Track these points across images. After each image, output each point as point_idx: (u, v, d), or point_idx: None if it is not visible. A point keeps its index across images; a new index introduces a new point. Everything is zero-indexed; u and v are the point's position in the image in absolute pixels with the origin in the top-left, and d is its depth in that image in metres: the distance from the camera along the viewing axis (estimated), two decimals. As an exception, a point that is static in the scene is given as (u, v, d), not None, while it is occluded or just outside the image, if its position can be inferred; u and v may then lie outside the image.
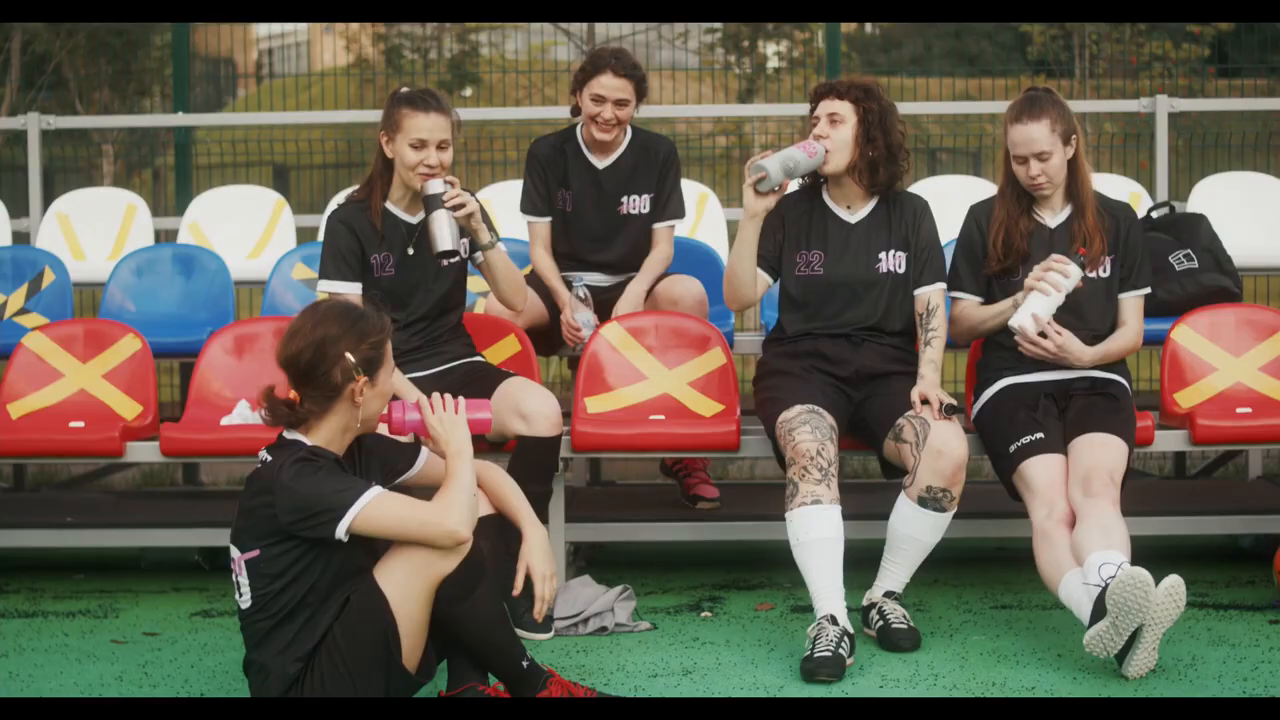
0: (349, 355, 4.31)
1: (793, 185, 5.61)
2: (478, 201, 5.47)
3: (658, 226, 6.38)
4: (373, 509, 4.23)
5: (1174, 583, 4.76)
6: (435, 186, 5.38)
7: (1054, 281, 5.35)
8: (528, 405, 5.48)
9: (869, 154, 5.50)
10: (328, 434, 4.38)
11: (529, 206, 6.34)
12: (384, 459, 4.59)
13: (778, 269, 5.64)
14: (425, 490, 4.49)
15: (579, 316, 6.14)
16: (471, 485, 4.38)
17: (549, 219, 6.35)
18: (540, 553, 4.59)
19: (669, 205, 6.38)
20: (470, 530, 4.30)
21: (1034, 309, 5.37)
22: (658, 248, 6.37)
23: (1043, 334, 5.38)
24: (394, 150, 5.47)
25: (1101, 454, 5.24)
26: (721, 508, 6.41)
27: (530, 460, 5.49)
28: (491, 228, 5.57)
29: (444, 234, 5.36)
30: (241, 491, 4.41)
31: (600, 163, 6.31)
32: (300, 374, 4.34)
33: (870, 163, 5.51)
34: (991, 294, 5.60)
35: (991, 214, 5.60)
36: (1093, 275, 5.52)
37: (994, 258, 5.55)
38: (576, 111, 6.30)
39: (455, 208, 5.38)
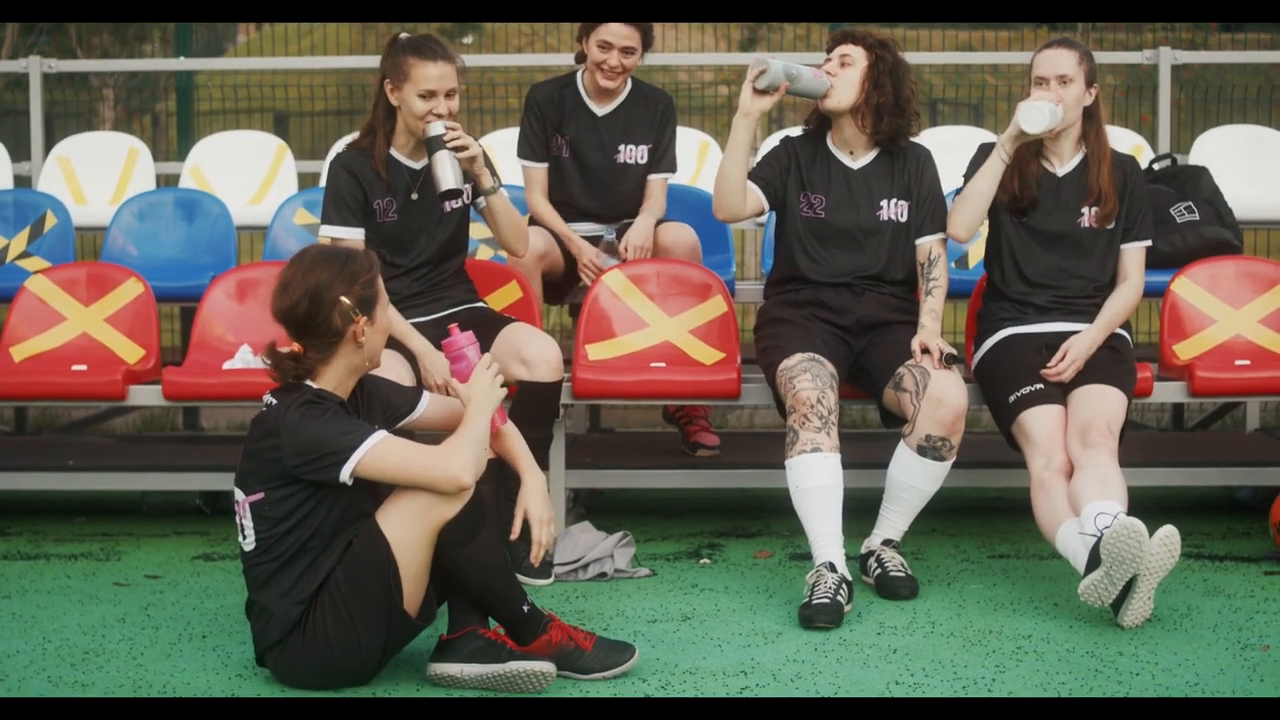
0: (344, 299, 4.32)
1: (799, 132, 5.60)
2: (479, 146, 5.47)
3: (653, 178, 6.38)
4: (378, 452, 4.25)
5: (1168, 533, 4.79)
6: (436, 129, 5.38)
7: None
8: (529, 350, 5.49)
9: (875, 99, 5.49)
10: (335, 377, 4.40)
11: (526, 151, 6.34)
12: (385, 401, 4.60)
13: (775, 197, 5.62)
14: (425, 436, 4.51)
15: (607, 262, 6.17)
16: (484, 437, 4.40)
17: (546, 164, 6.35)
18: (538, 498, 4.61)
19: (664, 158, 6.38)
20: (474, 478, 4.32)
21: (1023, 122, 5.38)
22: (653, 198, 6.38)
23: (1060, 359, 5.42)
24: (400, 99, 5.45)
25: (1100, 405, 5.26)
26: (721, 455, 6.43)
27: (531, 405, 5.51)
28: (494, 172, 5.57)
29: (447, 174, 5.36)
30: (246, 435, 4.44)
31: (600, 110, 6.31)
32: (300, 325, 4.35)
33: (876, 108, 5.50)
34: (992, 218, 5.63)
35: None
36: (1100, 229, 5.53)
37: (1008, 193, 5.55)
38: (581, 58, 6.29)
39: (457, 150, 5.38)
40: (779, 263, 5.71)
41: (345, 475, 4.25)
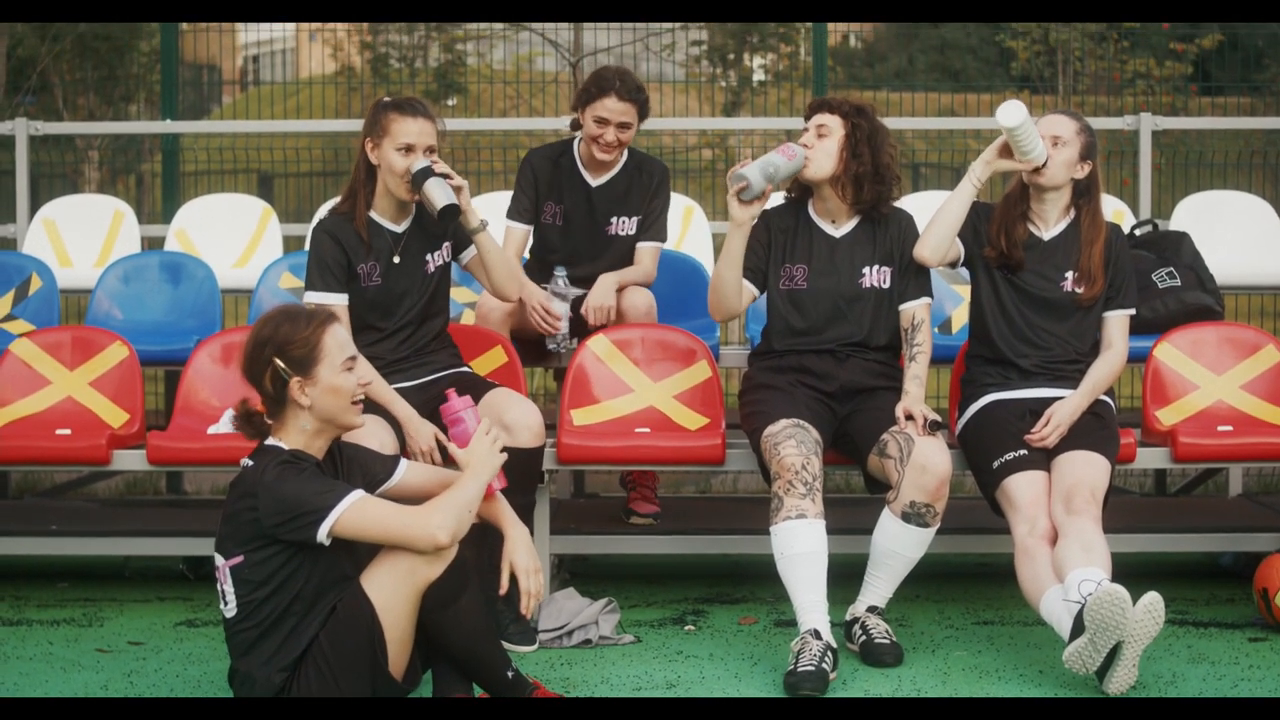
0: (277, 359, 4.36)
1: (779, 198, 5.62)
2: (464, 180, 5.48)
3: (643, 245, 6.39)
4: (355, 511, 4.26)
5: (1152, 600, 4.79)
6: (421, 163, 5.40)
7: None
8: (510, 416, 5.49)
9: (854, 168, 5.52)
10: (297, 438, 4.41)
11: (515, 213, 6.36)
12: (364, 468, 4.61)
13: (763, 282, 5.66)
14: (402, 502, 4.51)
15: (557, 306, 6.14)
16: (471, 502, 4.40)
17: (530, 228, 6.37)
18: (524, 548, 4.61)
19: (654, 226, 6.40)
20: (451, 537, 4.31)
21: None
22: (641, 264, 6.39)
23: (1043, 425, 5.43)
24: (380, 156, 5.47)
25: (1084, 471, 5.27)
26: (706, 522, 6.43)
27: (514, 471, 5.48)
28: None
29: (440, 194, 5.35)
30: (225, 498, 4.44)
31: (594, 180, 6.33)
32: (250, 383, 4.45)
33: (855, 177, 5.53)
34: (975, 277, 5.66)
35: (992, 214, 5.64)
36: (1083, 294, 5.56)
37: (995, 250, 5.59)
38: (576, 126, 6.32)
39: (444, 176, 5.40)
40: (764, 331, 5.72)
41: (323, 534, 4.25)
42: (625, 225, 6.36)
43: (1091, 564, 4.92)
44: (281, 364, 4.37)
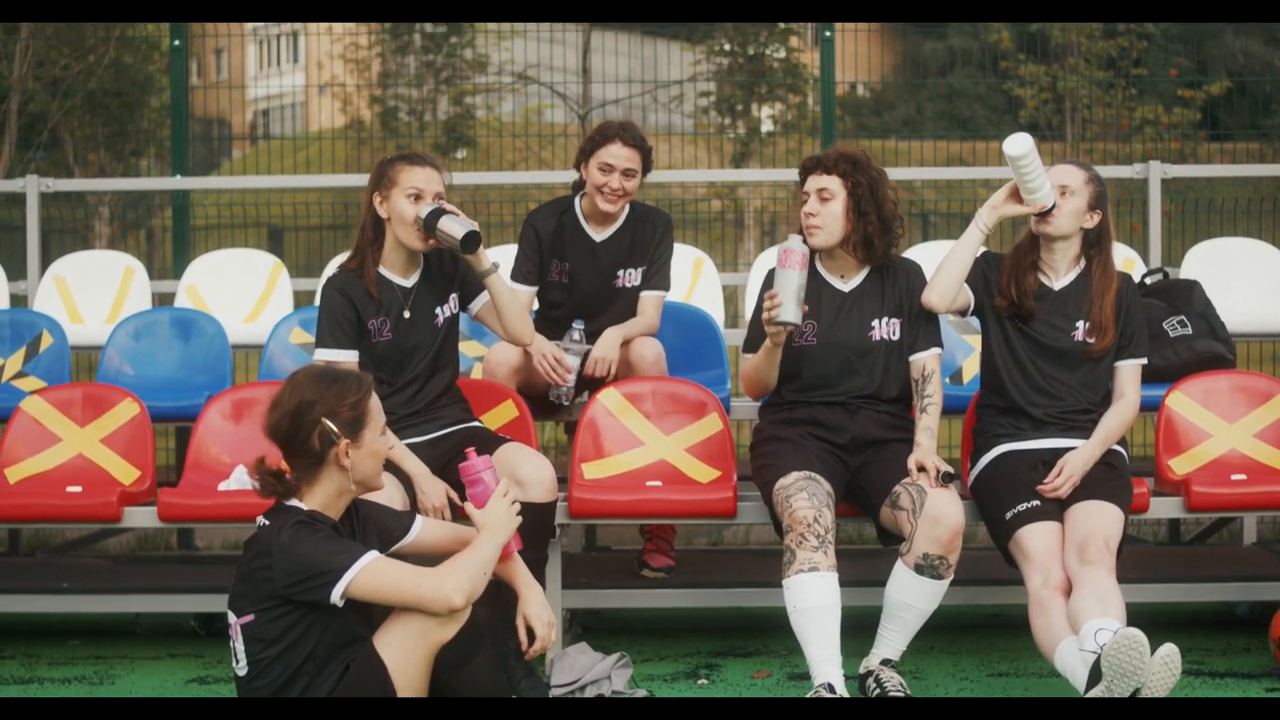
0: (326, 421, 4.33)
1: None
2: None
3: (646, 295, 6.40)
4: (369, 573, 4.25)
5: (1169, 652, 4.77)
6: (430, 205, 5.42)
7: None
8: (522, 471, 5.48)
9: (864, 229, 5.52)
10: (322, 499, 4.40)
11: (519, 275, 6.35)
12: (380, 526, 4.60)
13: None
14: (418, 560, 4.50)
15: (569, 360, 6.13)
16: (487, 563, 4.39)
17: (534, 289, 6.37)
18: (539, 603, 4.62)
19: (658, 275, 6.40)
20: (466, 599, 4.30)
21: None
22: (644, 315, 6.39)
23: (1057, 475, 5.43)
24: (389, 208, 5.49)
25: (1098, 521, 5.26)
26: (718, 575, 6.41)
27: (526, 526, 5.47)
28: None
29: (458, 226, 5.37)
30: (239, 556, 4.43)
31: (598, 236, 6.34)
32: (284, 443, 4.39)
33: (865, 237, 5.54)
34: (986, 327, 5.67)
35: (1002, 263, 5.64)
36: (1095, 343, 5.55)
37: (1006, 299, 5.59)
38: (579, 185, 6.33)
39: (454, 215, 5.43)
40: (776, 386, 5.71)
41: (336, 596, 4.23)
42: (632, 277, 6.37)
43: (1107, 614, 4.91)
44: (333, 426, 4.35)
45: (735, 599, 6.21)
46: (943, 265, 5.58)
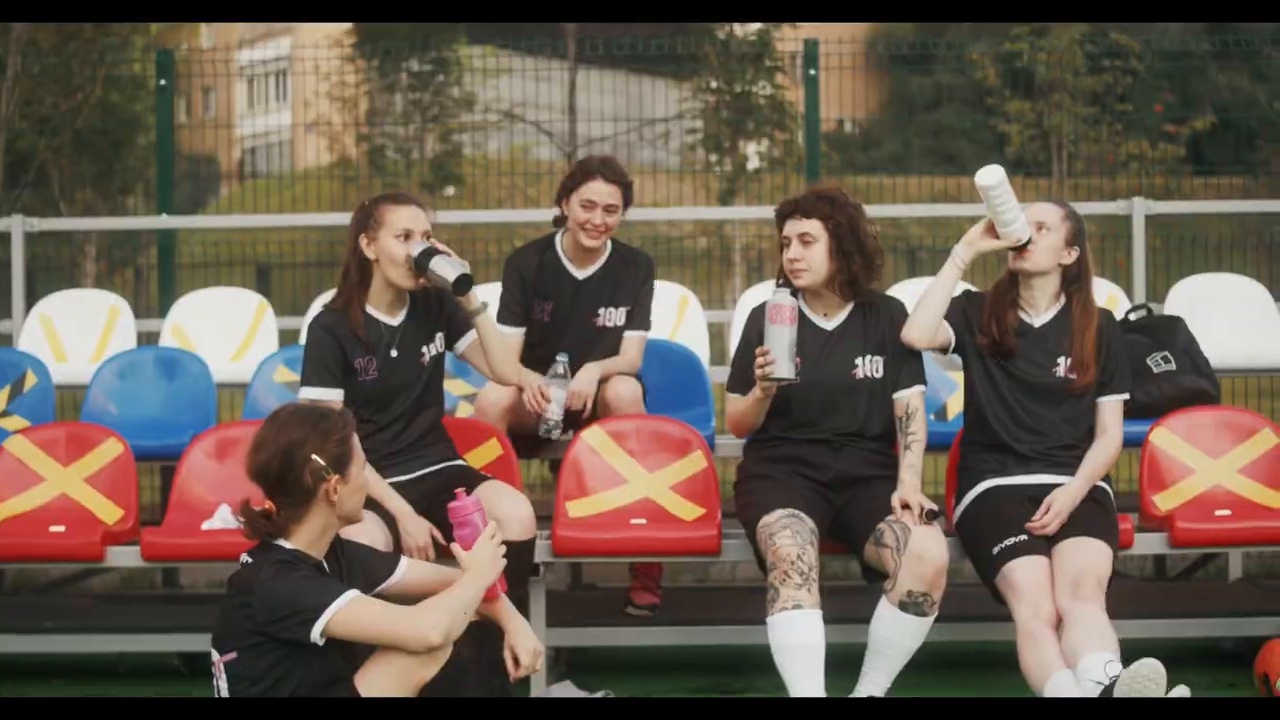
0: (316, 457, 4.33)
1: (768, 290, 5.62)
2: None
3: (629, 335, 6.40)
4: (349, 611, 4.24)
5: (1180, 693, 4.79)
6: (420, 244, 5.43)
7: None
8: (501, 509, 5.46)
9: (849, 268, 5.53)
10: (308, 536, 4.39)
11: (506, 317, 6.34)
12: (365, 567, 4.59)
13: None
14: (403, 600, 4.49)
15: (554, 392, 6.12)
16: (468, 604, 4.38)
17: (522, 330, 6.37)
18: (524, 633, 4.63)
19: (640, 315, 6.41)
20: (444, 637, 4.29)
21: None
22: (626, 354, 6.39)
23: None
24: (377, 249, 5.49)
25: (1088, 558, 5.27)
26: (704, 612, 6.39)
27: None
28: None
29: (450, 268, 5.38)
30: (223, 594, 4.42)
31: (580, 274, 6.35)
32: (272, 483, 4.37)
33: (850, 276, 5.55)
34: (968, 364, 5.66)
35: (983, 301, 5.66)
36: (1077, 379, 5.56)
37: (987, 337, 5.60)
38: (559, 222, 6.34)
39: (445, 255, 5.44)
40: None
41: (316, 634, 4.23)
42: (613, 316, 6.36)
43: (1107, 649, 4.93)
44: (323, 463, 4.35)
45: (721, 636, 6.20)
46: (921, 301, 5.60)
